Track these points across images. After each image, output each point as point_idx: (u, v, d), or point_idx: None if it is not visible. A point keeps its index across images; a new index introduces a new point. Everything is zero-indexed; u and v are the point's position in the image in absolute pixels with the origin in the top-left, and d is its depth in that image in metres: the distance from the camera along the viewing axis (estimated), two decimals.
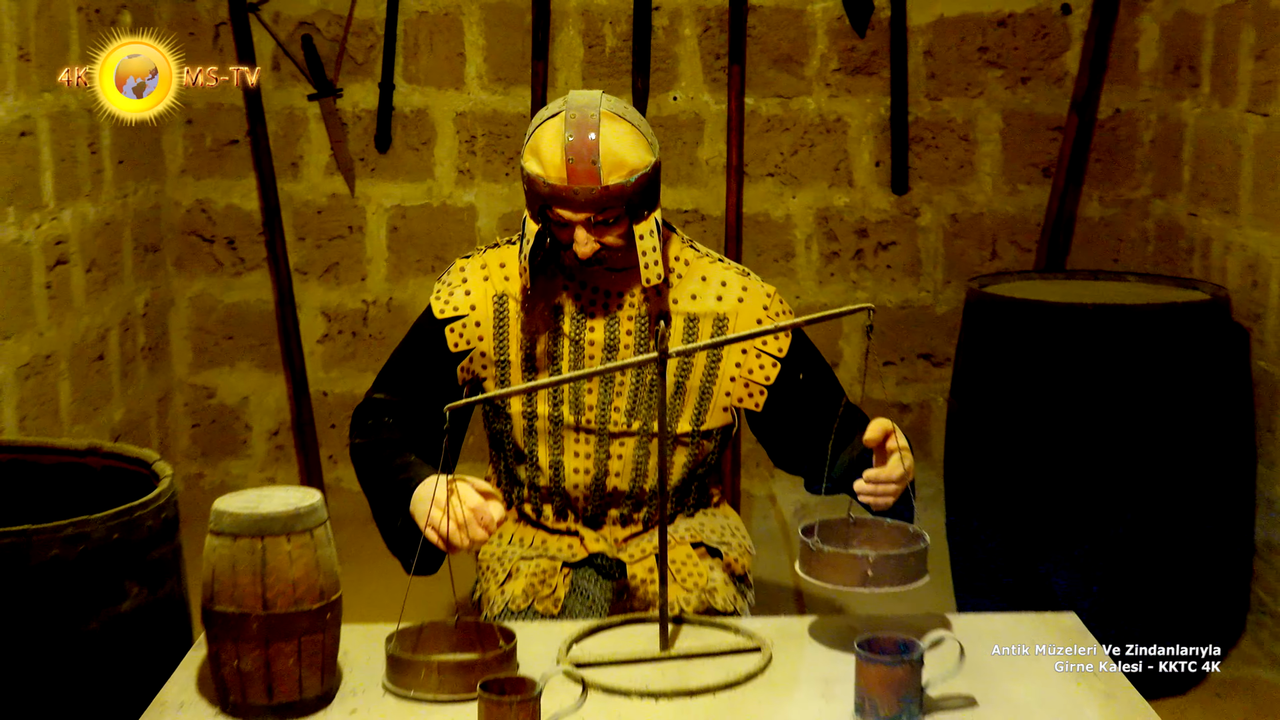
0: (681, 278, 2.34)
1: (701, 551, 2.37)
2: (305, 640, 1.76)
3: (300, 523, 1.76)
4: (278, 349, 4.11)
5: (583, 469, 2.33)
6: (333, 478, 4.16)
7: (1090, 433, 3.01)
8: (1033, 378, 3.06)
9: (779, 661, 1.95)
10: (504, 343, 2.32)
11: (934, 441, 4.06)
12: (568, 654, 1.98)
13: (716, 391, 2.33)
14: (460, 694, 1.80)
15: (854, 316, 4.00)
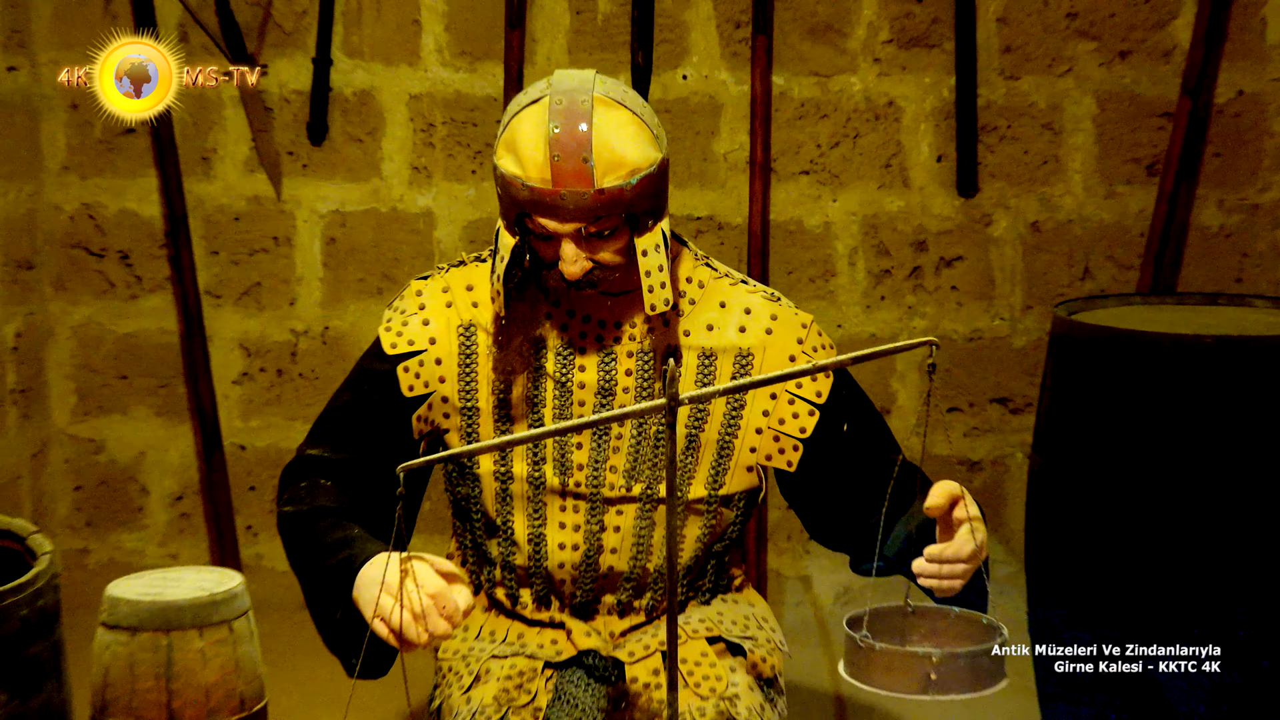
0: (695, 304, 2.37)
1: (720, 649, 2.38)
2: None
3: (216, 613, 1.78)
4: (183, 392, 4.13)
5: (570, 544, 2.35)
6: (252, 555, 4.17)
7: (1212, 499, 3.02)
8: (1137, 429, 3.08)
9: None
10: (471, 385, 2.35)
11: (1012, 509, 4.08)
12: None
13: (739, 447, 2.35)
14: None
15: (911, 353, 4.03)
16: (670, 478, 1.95)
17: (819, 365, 1.96)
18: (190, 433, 4.14)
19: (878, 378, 4.03)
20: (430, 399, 2.35)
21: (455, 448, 2.34)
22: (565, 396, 2.33)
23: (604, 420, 1.94)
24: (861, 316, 4.06)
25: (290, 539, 2.30)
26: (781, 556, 4.10)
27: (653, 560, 2.36)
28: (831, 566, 4.04)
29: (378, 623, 2.00)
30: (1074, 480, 3.19)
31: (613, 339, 2.34)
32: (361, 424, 2.34)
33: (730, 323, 2.36)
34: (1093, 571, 3.15)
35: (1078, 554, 3.19)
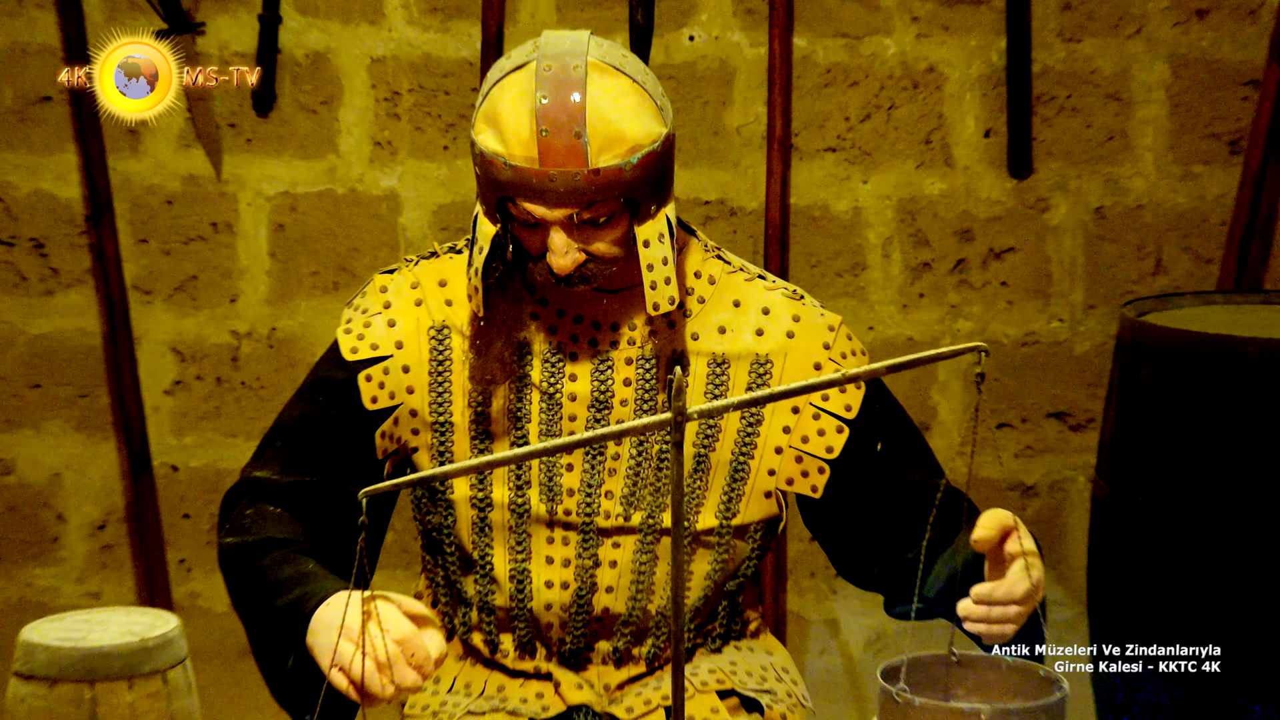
0: (704, 303, 2.37)
1: (733, 704, 2.39)
2: None
3: (148, 661, 1.77)
4: (106, 403, 4.13)
5: (559, 582, 2.35)
6: (186, 594, 4.17)
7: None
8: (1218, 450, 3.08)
9: None
10: (445, 397, 2.35)
11: (1072, 542, 4.08)
12: None
13: (755, 469, 2.36)
14: None
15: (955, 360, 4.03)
16: (676, 505, 1.96)
17: (849, 375, 1.97)
18: (114, 451, 4.14)
19: (916, 389, 4.04)
20: (396, 413, 2.35)
21: (425, 469, 2.35)
22: (554, 410, 2.34)
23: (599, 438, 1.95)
24: (897, 317, 4.07)
25: (233, 575, 2.30)
26: (804, 597, 4.10)
27: (655, 601, 2.36)
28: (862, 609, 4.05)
29: (336, 673, 2.00)
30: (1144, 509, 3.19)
31: (609, 343, 2.35)
32: (316, 442, 2.35)
33: (745, 325, 2.37)
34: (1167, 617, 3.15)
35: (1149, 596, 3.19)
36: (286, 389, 2.45)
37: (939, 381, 4.07)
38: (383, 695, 1.98)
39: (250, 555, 2.27)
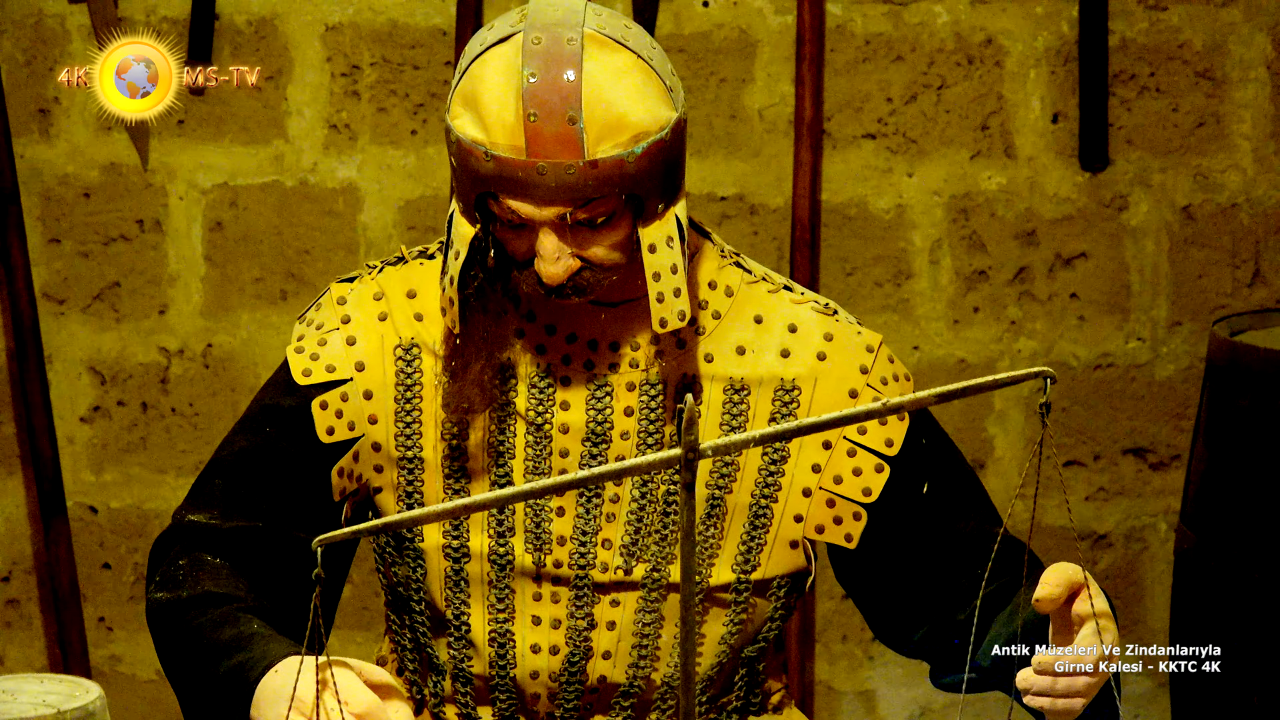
0: (720, 318, 2.39)
1: None
2: None
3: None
4: (11, 432, 4.14)
5: (547, 646, 2.37)
6: (106, 658, 4.17)
7: None
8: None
9: None
10: (414, 428, 2.37)
11: (1152, 600, 4.09)
12: None
13: (779, 515, 2.37)
14: None
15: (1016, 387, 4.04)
16: (686, 556, 1.97)
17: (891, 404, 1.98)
18: (20, 489, 4.14)
19: (968, 420, 4.05)
20: (357, 446, 2.37)
21: (390, 513, 2.36)
22: (542, 444, 2.35)
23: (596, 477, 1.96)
24: (947, 335, 4.08)
25: (164, 636, 2.31)
26: (835, 664, 4.12)
27: (660, 669, 2.38)
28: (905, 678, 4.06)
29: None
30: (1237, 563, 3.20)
31: (607, 366, 2.36)
32: (262, 480, 2.36)
33: (769, 344, 2.38)
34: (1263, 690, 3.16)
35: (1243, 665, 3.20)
36: (225, 417, 2.47)
37: (996, 411, 4.09)
38: None
39: (184, 613, 2.28)
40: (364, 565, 3.66)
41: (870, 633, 3.80)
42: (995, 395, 4.05)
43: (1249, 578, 3.18)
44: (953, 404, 3.87)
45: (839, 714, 4.08)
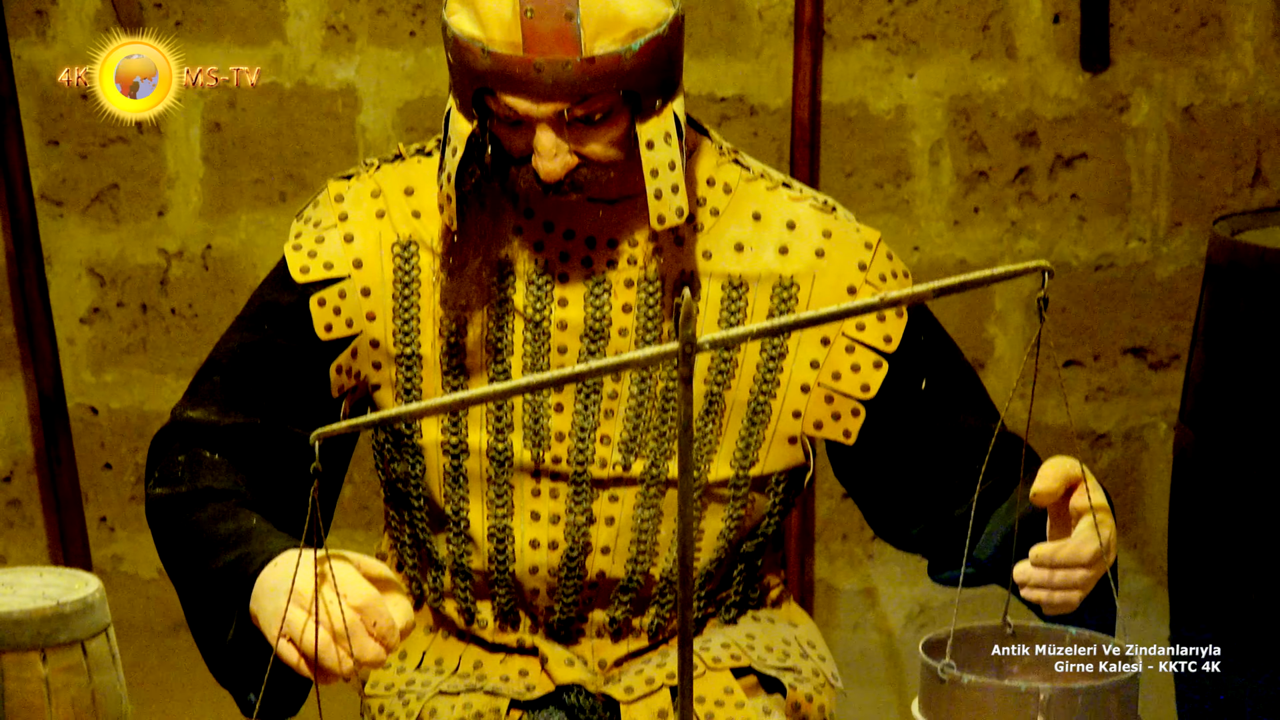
0: (719, 215, 2.38)
1: (750, 684, 2.41)
2: None
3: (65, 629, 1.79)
4: (11, 334, 4.14)
5: (546, 541, 2.37)
6: (108, 557, 4.19)
7: None
8: None
9: None
10: (411, 325, 2.37)
11: (1151, 499, 4.10)
12: None
13: (778, 411, 2.38)
14: None
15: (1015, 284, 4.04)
16: (684, 451, 1.97)
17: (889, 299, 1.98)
18: (21, 390, 4.15)
19: (968, 320, 4.05)
20: (355, 343, 2.37)
21: (389, 408, 2.37)
22: (541, 341, 2.35)
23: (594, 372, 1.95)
24: (947, 236, 4.08)
25: (163, 532, 2.32)
26: (834, 563, 4.13)
27: (659, 564, 2.39)
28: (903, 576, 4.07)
29: (284, 644, 2.02)
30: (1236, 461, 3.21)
31: (605, 263, 2.36)
32: (260, 377, 2.36)
33: (767, 241, 2.38)
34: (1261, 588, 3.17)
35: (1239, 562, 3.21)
36: (225, 318, 2.46)
37: (996, 311, 4.09)
38: (339, 670, 2.00)
39: (184, 509, 2.29)
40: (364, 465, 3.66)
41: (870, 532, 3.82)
42: (995, 296, 4.04)
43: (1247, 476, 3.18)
44: (952, 304, 3.87)
45: (838, 612, 4.10)
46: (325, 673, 2.01)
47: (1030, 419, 2.10)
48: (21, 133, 4.02)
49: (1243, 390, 3.19)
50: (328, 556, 1.98)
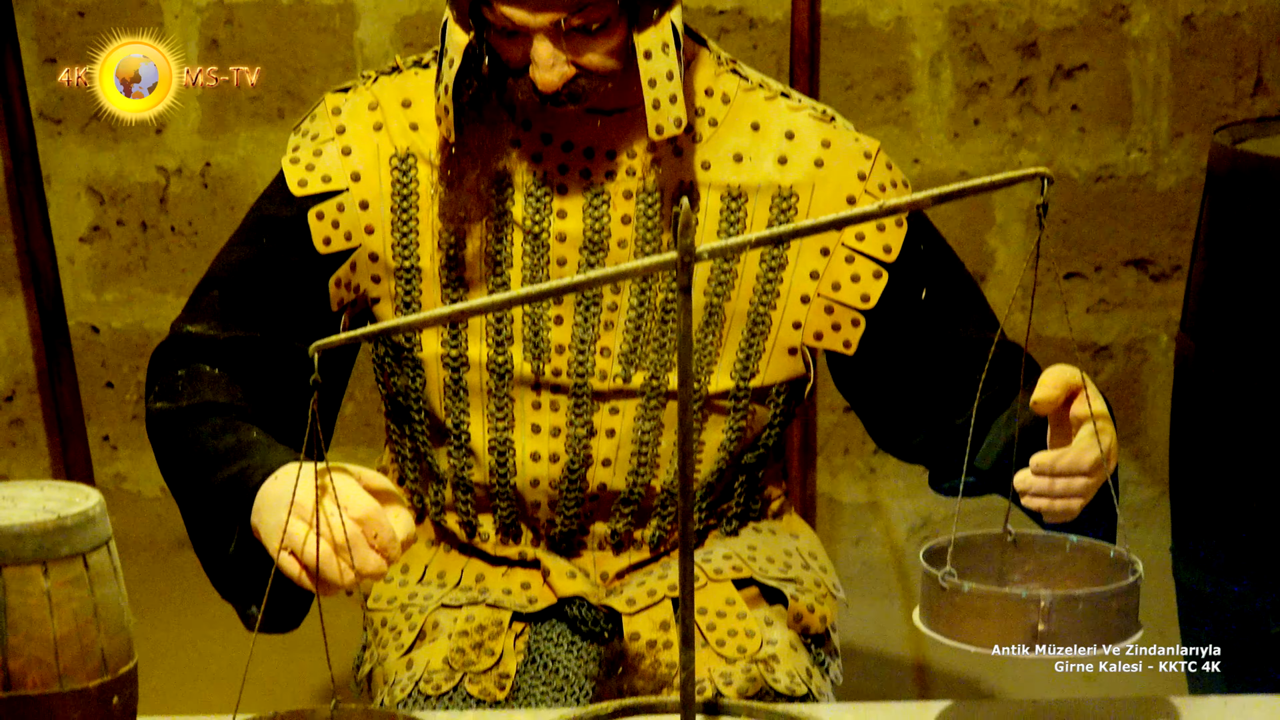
0: (717, 125, 2.38)
1: (752, 595, 2.42)
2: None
3: (66, 543, 1.80)
4: (11, 253, 4.14)
5: (547, 454, 2.38)
6: (111, 476, 4.20)
7: None
8: None
9: None
10: (410, 238, 2.36)
11: (1152, 410, 4.11)
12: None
13: (778, 321, 2.37)
14: None
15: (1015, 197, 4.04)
16: (684, 362, 1.97)
17: (888, 206, 1.97)
18: (22, 309, 4.16)
19: (969, 233, 4.05)
20: (354, 256, 2.36)
21: (389, 322, 2.36)
22: (540, 253, 2.35)
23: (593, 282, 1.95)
24: (948, 148, 4.07)
25: (164, 446, 2.32)
26: (836, 477, 4.14)
27: (660, 476, 2.39)
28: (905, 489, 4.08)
29: (285, 557, 2.03)
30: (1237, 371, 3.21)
31: (604, 174, 2.35)
32: (259, 291, 2.36)
33: (766, 151, 2.37)
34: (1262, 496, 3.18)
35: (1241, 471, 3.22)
36: (225, 236, 2.46)
37: (997, 225, 4.08)
38: (340, 582, 2.00)
39: (184, 423, 2.29)
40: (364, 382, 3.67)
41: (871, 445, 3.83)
42: (996, 208, 4.04)
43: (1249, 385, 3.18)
44: (953, 217, 3.87)
45: (840, 526, 4.11)
46: (326, 585, 2.01)
47: (1030, 330, 2.10)
48: (19, 51, 4.01)
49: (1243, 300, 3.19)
50: (328, 469, 1.98)
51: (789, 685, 2.30)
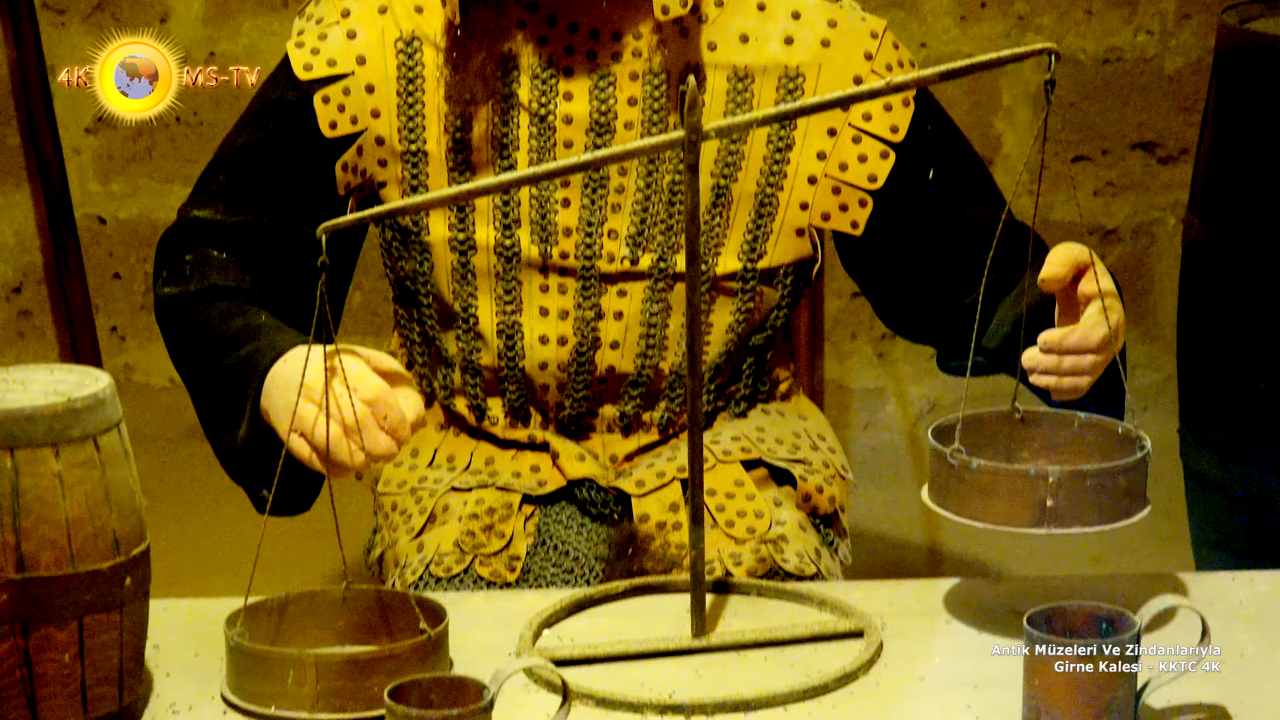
0: (723, 6, 2.36)
1: (761, 476, 2.43)
2: (90, 623, 1.81)
3: (76, 425, 1.80)
4: (16, 144, 4.13)
5: (555, 337, 2.38)
6: (120, 367, 4.21)
7: None
8: None
9: (892, 654, 2.02)
10: (416, 121, 2.35)
11: (1160, 294, 4.11)
12: (537, 643, 2.04)
13: (785, 202, 2.37)
14: (353, 710, 1.86)
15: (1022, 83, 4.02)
16: (691, 243, 1.97)
17: (895, 83, 1.97)
18: (28, 201, 4.15)
19: (976, 116, 4.03)
20: (360, 140, 2.36)
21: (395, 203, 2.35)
22: (546, 135, 2.34)
23: (601, 161, 1.95)
24: (954, 31, 4.05)
25: (173, 332, 2.33)
26: (844, 363, 4.14)
27: (668, 358, 2.39)
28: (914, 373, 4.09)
29: (295, 439, 2.03)
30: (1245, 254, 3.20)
31: (610, 56, 2.34)
32: (266, 175, 2.36)
33: (772, 31, 2.36)
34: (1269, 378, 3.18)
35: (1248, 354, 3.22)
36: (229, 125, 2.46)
37: (1004, 108, 4.07)
38: (350, 463, 2.01)
39: (193, 307, 2.29)
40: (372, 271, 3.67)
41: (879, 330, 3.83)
42: (1003, 91, 4.03)
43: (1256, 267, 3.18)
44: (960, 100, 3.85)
45: (849, 411, 4.12)
46: (336, 466, 2.01)
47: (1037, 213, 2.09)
48: None
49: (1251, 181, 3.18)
50: (337, 351, 1.98)
51: (798, 565, 2.31)
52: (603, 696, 1.90)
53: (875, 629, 2.04)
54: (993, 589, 2.20)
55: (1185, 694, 1.89)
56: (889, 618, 2.08)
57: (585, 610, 2.13)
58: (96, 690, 1.84)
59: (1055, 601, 1.84)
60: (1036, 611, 1.81)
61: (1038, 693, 1.80)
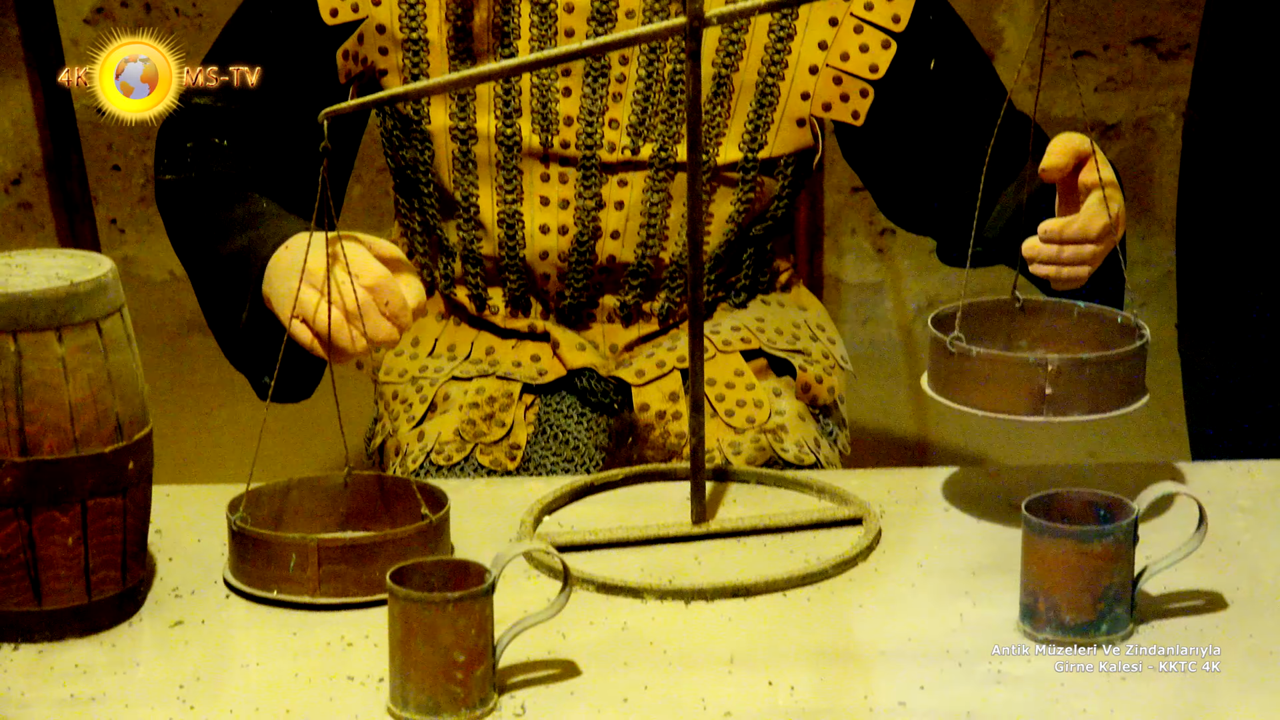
0: None
1: (760, 366, 2.43)
2: (94, 506, 1.82)
3: (79, 309, 1.81)
4: (15, 34, 4.12)
5: (556, 226, 2.38)
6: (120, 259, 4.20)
7: None
8: None
9: (890, 541, 2.03)
10: (417, 9, 2.34)
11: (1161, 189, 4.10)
12: (537, 528, 2.05)
13: (786, 92, 2.36)
14: (355, 593, 1.87)
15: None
16: (692, 132, 1.97)
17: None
18: (26, 92, 4.14)
19: (977, 10, 4.02)
20: (361, 28, 2.35)
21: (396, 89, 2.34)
22: (547, 24, 2.33)
23: (603, 48, 1.94)
24: None
25: (175, 219, 2.33)
26: (844, 258, 4.14)
27: (669, 248, 2.39)
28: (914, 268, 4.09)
29: (297, 324, 2.03)
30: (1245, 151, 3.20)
31: None
32: (268, 63, 2.35)
33: None
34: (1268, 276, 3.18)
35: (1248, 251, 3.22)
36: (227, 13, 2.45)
37: (1005, 1, 4.05)
38: (351, 349, 2.01)
39: (194, 194, 2.29)
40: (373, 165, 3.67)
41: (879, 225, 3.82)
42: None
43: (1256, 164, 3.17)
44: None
45: (847, 306, 4.12)
46: (338, 352, 2.02)
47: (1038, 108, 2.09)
48: None
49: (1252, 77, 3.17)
50: (339, 238, 1.98)
51: (797, 454, 2.32)
52: (603, 581, 1.91)
53: (874, 516, 2.05)
54: (990, 478, 2.21)
55: (1182, 581, 1.90)
56: (887, 505, 2.10)
57: (586, 497, 2.14)
58: (99, 574, 1.85)
59: (1052, 489, 1.85)
60: (1034, 498, 1.82)
61: (1035, 578, 1.81)
